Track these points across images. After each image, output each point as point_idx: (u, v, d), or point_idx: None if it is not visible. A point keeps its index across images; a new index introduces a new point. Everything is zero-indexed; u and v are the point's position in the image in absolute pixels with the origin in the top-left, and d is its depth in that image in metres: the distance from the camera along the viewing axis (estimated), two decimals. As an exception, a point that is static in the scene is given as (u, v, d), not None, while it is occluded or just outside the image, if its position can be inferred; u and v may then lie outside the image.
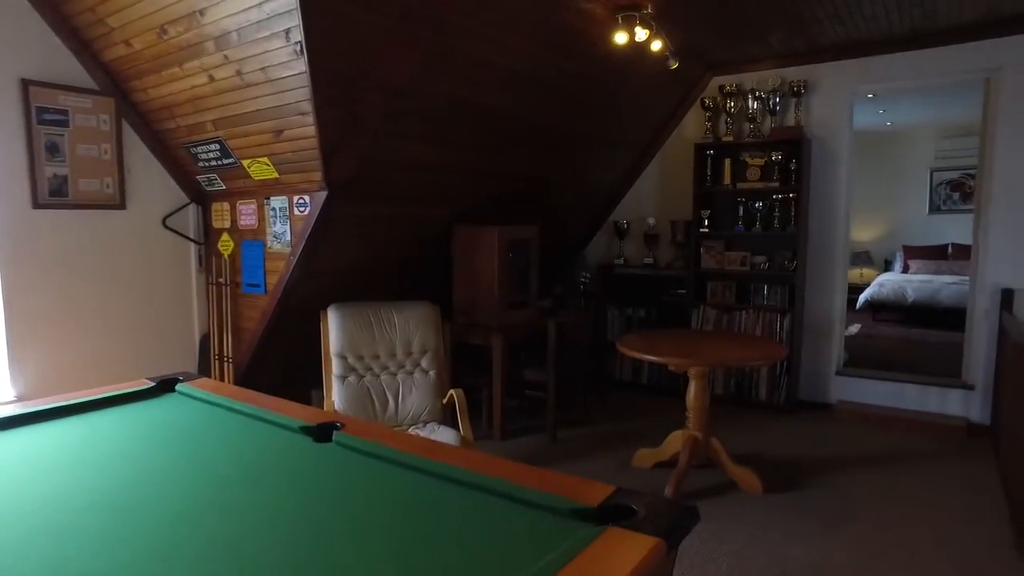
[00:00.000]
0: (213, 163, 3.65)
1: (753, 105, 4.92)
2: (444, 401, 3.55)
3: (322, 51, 2.68)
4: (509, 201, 4.65)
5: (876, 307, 7.94)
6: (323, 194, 3.30)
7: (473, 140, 3.88)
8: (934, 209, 9.36)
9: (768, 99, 4.89)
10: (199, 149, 3.61)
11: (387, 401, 3.50)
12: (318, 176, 3.24)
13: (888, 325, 7.80)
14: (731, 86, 5.00)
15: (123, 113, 3.55)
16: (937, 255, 8.89)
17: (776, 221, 4.86)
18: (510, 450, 4.10)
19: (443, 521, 1.28)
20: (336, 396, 3.40)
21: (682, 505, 1.26)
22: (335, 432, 1.76)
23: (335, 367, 3.46)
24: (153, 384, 2.23)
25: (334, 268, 3.79)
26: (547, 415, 4.27)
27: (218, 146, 3.50)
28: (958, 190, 9.21)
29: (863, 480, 3.60)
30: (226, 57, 2.93)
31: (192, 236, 4.00)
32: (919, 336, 7.09)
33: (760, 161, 4.95)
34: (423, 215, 4.08)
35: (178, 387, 2.23)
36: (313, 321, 3.56)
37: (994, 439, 4.27)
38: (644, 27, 3.61)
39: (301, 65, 2.72)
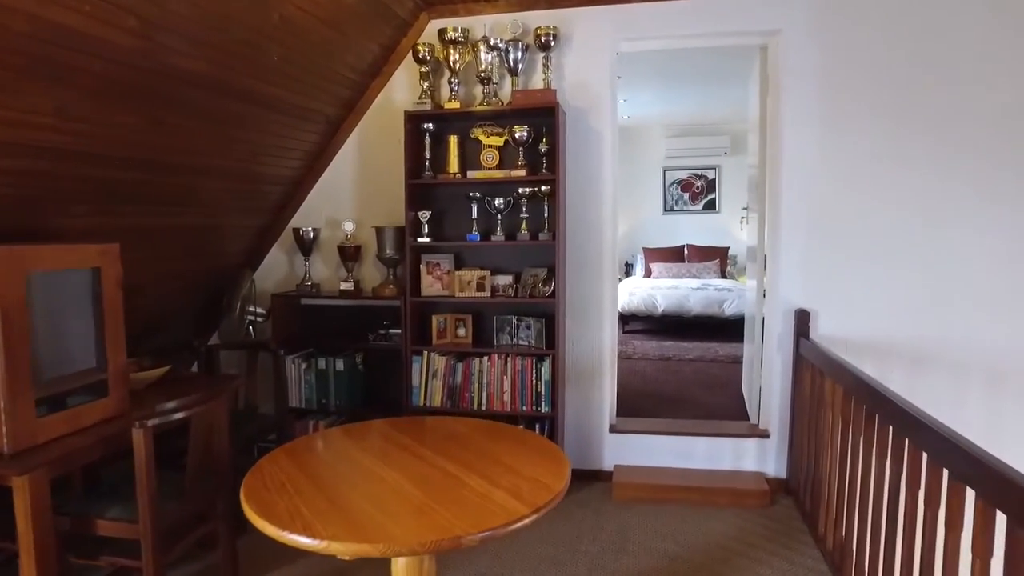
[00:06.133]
0: None
1: (487, 59, 3.40)
2: None
3: None
4: (90, 199, 2.50)
5: (626, 318, 7.13)
6: None
7: None
8: (668, 209, 9.05)
9: (507, 52, 3.41)
10: None
11: None
12: None
13: (641, 338, 7.01)
14: (456, 32, 3.42)
15: None
16: (675, 257, 8.51)
17: (524, 225, 3.41)
18: None
19: None
20: None
21: None
22: None
23: None
24: None
25: None
26: (145, 598, 2.23)
27: None
28: (688, 190, 9.00)
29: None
30: None
31: None
32: (675, 350, 6.33)
33: (499, 140, 3.46)
34: None
35: None
36: None
37: (798, 500, 3.31)
38: None
39: None
